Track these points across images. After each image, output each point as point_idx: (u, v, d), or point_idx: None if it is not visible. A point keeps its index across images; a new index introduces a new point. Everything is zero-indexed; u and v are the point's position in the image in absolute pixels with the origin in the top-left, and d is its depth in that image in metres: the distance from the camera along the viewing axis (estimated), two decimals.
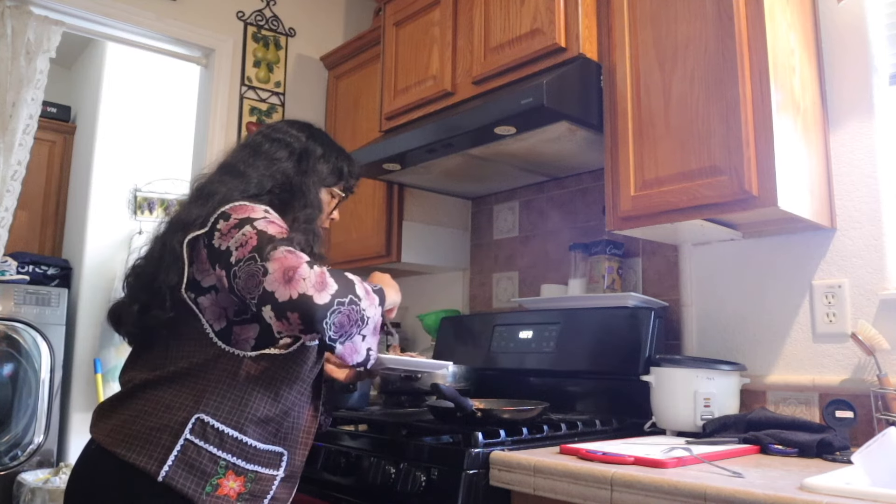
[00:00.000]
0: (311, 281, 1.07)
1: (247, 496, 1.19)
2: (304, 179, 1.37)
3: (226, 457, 1.17)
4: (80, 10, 2.53)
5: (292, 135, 1.42)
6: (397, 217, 2.46)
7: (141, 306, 1.23)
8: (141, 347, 1.26)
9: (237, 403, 1.19)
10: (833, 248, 1.64)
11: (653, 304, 1.89)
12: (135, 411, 1.17)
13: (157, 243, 1.27)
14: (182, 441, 1.14)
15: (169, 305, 1.20)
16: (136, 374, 1.22)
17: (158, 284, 1.21)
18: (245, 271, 1.08)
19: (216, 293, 1.21)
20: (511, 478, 1.31)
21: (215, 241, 1.18)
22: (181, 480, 1.12)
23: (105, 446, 1.15)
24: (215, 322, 1.21)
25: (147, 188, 4.18)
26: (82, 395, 3.81)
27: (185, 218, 1.25)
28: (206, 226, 1.21)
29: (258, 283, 1.07)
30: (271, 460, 1.23)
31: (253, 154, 1.37)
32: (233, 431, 1.18)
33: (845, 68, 1.66)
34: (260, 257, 1.09)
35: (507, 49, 1.92)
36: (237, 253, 1.12)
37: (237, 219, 1.19)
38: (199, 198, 1.28)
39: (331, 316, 1.09)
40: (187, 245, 1.21)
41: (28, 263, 3.77)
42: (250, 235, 1.14)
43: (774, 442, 1.40)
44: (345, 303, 1.11)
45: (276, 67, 2.92)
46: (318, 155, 1.41)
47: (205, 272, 1.21)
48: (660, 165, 1.61)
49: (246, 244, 1.12)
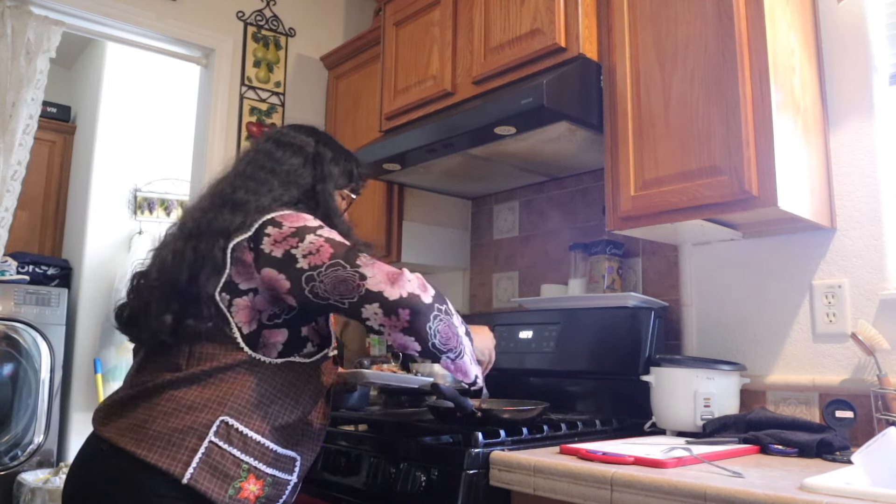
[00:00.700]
0: (415, 283, 1.18)
1: (264, 500, 1.20)
2: (324, 186, 1.40)
3: (248, 460, 1.17)
4: (80, 10, 2.53)
5: (301, 139, 1.43)
6: (397, 217, 2.46)
7: (174, 315, 1.19)
8: (158, 350, 1.23)
9: (260, 408, 1.20)
10: (833, 248, 1.64)
11: (653, 304, 1.89)
12: (154, 411, 1.15)
13: (185, 249, 1.23)
14: (207, 443, 1.13)
15: (206, 315, 1.19)
16: (153, 375, 1.20)
17: (197, 291, 1.19)
18: (331, 277, 1.15)
19: (255, 295, 1.21)
20: (511, 478, 1.31)
21: (264, 245, 1.20)
22: (205, 483, 1.11)
23: (121, 445, 1.13)
24: (245, 325, 1.21)
25: (147, 188, 4.18)
26: (82, 395, 3.81)
27: (221, 224, 1.23)
28: (251, 230, 1.22)
29: (356, 287, 1.13)
30: (287, 465, 1.24)
31: (269, 160, 1.37)
32: (256, 435, 1.18)
33: (845, 68, 1.66)
34: (348, 264, 1.15)
35: (507, 49, 1.92)
36: (308, 260, 1.17)
37: (293, 227, 1.22)
38: (226, 205, 1.27)
39: (434, 320, 1.18)
40: (231, 250, 1.21)
41: (28, 263, 3.77)
42: (319, 244, 1.19)
43: (774, 442, 1.40)
44: (443, 310, 1.20)
45: (276, 67, 2.92)
46: (329, 159, 1.43)
47: (246, 275, 1.21)
48: (660, 165, 1.61)
49: (318, 252, 1.18)
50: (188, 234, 1.26)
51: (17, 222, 2.80)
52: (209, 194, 1.34)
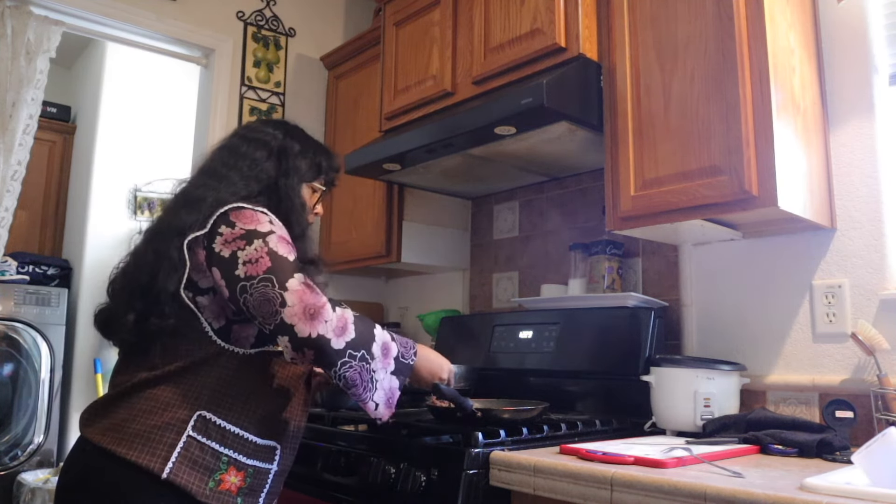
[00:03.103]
0: (332, 324, 1.13)
1: (246, 490, 1.20)
2: (287, 181, 1.37)
3: (228, 452, 1.18)
4: (80, 10, 2.53)
5: (268, 133, 1.41)
6: (397, 217, 2.46)
7: (137, 315, 1.21)
8: (134, 350, 1.25)
9: (237, 400, 1.21)
10: (833, 248, 1.64)
11: (653, 304, 1.89)
12: (133, 410, 1.16)
13: (146, 250, 1.26)
14: (185, 438, 1.14)
15: (168, 312, 1.20)
16: (130, 375, 1.21)
17: (157, 292, 1.20)
18: (259, 292, 1.12)
19: (214, 294, 1.22)
20: (511, 478, 1.31)
21: (216, 245, 1.20)
22: (185, 477, 1.13)
23: (102, 445, 1.14)
24: (214, 321, 1.22)
25: (147, 188, 4.18)
26: (82, 395, 3.81)
27: (178, 224, 1.24)
28: (206, 227, 1.22)
29: (275, 312, 1.11)
30: (267, 455, 1.25)
31: (232, 155, 1.37)
32: (234, 427, 1.19)
33: (845, 68, 1.66)
34: (277, 283, 1.12)
35: (507, 49, 1.92)
36: (246, 268, 1.15)
37: (243, 229, 1.20)
38: (187, 203, 1.28)
39: (341, 367, 1.14)
40: (187, 247, 1.21)
41: (28, 263, 3.77)
42: (261, 254, 1.16)
43: (774, 442, 1.40)
44: (356, 357, 1.15)
45: (276, 67, 2.92)
46: (296, 151, 1.41)
47: (202, 273, 1.21)
48: (660, 165, 1.61)
49: (257, 262, 1.15)
50: (151, 235, 1.27)
51: (17, 222, 2.80)
52: (176, 193, 1.35)
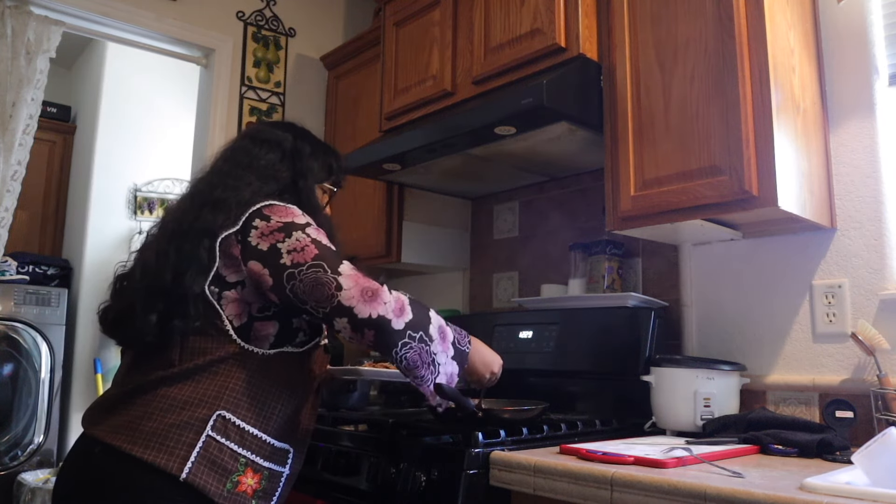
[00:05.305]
0: (391, 306, 1.15)
1: (261, 493, 1.20)
2: (305, 183, 1.38)
3: (246, 454, 1.17)
4: (80, 10, 2.53)
5: (278, 135, 1.42)
6: (397, 217, 2.46)
7: (160, 315, 1.18)
8: (149, 349, 1.21)
9: (256, 400, 1.20)
10: (833, 248, 1.64)
11: (653, 304, 1.89)
12: (148, 408, 1.14)
13: (166, 250, 1.22)
14: (204, 437, 1.12)
15: (193, 314, 1.17)
16: (144, 374, 1.19)
17: (182, 292, 1.17)
18: (311, 278, 1.13)
19: (242, 288, 1.21)
20: (511, 478, 1.31)
21: (252, 238, 1.20)
22: (203, 478, 1.10)
23: (114, 444, 1.11)
24: (235, 318, 1.20)
25: (147, 188, 4.19)
26: (82, 395, 3.81)
27: (203, 224, 1.22)
28: (238, 224, 1.22)
29: (330, 296, 1.12)
30: (281, 458, 1.24)
31: (245, 156, 1.36)
32: (252, 428, 1.18)
33: (845, 68, 1.66)
34: (329, 268, 1.14)
35: (507, 49, 1.92)
36: (292, 257, 1.16)
37: (280, 221, 1.21)
38: (206, 204, 1.26)
39: (402, 347, 1.15)
40: (218, 246, 1.20)
41: (28, 263, 3.77)
42: (305, 242, 1.18)
43: (774, 442, 1.40)
44: (416, 338, 1.17)
45: (276, 67, 2.92)
46: (308, 153, 1.42)
47: (233, 268, 1.21)
48: (660, 165, 1.61)
49: (303, 250, 1.17)
50: (171, 234, 1.25)
51: (17, 222, 2.80)
52: (189, 194, 1.34)
